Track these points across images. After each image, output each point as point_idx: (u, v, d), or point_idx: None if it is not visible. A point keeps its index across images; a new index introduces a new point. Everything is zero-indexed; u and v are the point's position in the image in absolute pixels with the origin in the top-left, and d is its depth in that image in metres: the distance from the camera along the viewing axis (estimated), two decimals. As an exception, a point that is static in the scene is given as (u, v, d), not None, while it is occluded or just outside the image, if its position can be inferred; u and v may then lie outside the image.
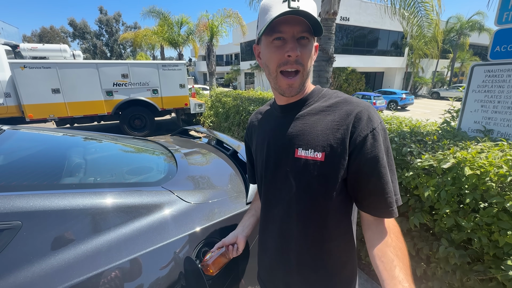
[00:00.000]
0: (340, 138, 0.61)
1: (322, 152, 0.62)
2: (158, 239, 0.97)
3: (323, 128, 0.64)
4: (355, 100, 0.66)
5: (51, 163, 1.32)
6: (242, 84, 29.28)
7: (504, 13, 1.73)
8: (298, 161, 0.66)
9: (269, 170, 0.74)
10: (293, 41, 0.61)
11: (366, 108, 0.63)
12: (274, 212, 0.76)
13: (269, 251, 0.82)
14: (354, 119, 0.61)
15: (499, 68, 1.74)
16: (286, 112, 0.72)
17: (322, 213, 0.67)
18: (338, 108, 0.65)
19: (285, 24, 0.60)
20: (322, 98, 0.70)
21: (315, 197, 0.66)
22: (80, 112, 6.34)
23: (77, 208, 0.91)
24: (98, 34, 41.80)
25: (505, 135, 1.77)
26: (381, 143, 0.61)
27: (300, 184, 0.66)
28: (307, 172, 0.64)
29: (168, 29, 12.17)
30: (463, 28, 20.15)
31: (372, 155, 0.60)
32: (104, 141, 1.88)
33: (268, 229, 0.81)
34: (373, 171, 0.60)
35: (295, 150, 0.67)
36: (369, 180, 0.60)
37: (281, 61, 0.62)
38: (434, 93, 21.21)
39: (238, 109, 4.03)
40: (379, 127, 0.62)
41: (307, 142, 0.65)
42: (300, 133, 0.67)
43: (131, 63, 6.61)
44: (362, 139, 0.60)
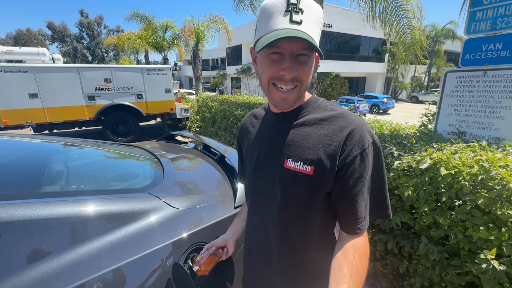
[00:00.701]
0: (330, 154, 0.61)
1: (311, 166, 0.62)
2: (146, 246, 0.95)
3: (314, 142, 0.63)
4: (350, 116, 0.65)
5: (30, 171, 1.27)
6: (229, 88, 29.29)
7: (472, 23, 1.86)
8: (287, 171, 0.65)
9: (257, 176, 0.74)
10: (291, 59, 0.58)
11: (360, 126, 0.62)
12: (259, 218, 0.77)
13: (253, 256, 0.83)
14: (347, 137, 0.61)
15: (469, 74, 1.87)
16: (280, 120, 0.71)
17: (306, 223, 0.67)
18: (332, 123, 0.64)
19: (285, 40, 0.56)
20: (318, 109, 0.68)
21: (300, 207, 0.66)
22: (60, 117, 6.09)
23: (59, 217, 0.88)
24: (78, 37, 40.55)
25: (476, 137, 1.89)
26: (368, 164, 0.61)
27: (285, 194, 0.66)
28: (294, 183, 0.64)
29: (153, 33, 12.02)
30: (438, 35, 21.30)
31: (357, 175, 0.60)
32: (86, 147, 1.83)
33: (252, 234, 0.82)
34: (353, 191, 0.61)
35: (284, 160, 0.66)
36: (348, 198, 0.62)
37: (275, 75, 0.60)
38: (413, 97, 22.16)
39: (225, 113, 4.04)
40: (370, 148, 0.61)
41: (297, 154, 0.64)
42: (292, 143, 0.66)
43: (114, 67, 6.46)
44: (352, 159, 0.60)
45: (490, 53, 1.79)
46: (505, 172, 1.21)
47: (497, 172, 1.22)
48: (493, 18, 1.75)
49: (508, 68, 1.70)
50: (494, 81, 1.75)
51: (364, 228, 0.63)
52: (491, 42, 1.79)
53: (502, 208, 1.16)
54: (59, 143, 1.78)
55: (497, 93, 1.74)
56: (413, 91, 24.77)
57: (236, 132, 3.67)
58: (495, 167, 1.25)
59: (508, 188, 1.15)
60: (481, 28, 1.82)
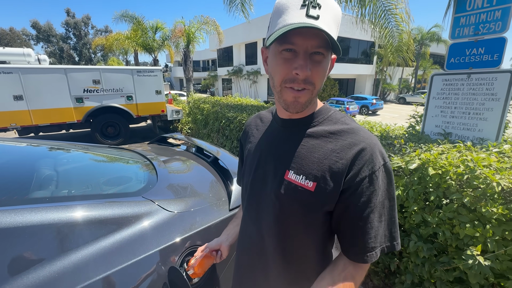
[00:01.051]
0: (336, 172, 0.56)
1: (313, 181, 0.57)
2: (141, 251, 0.95)
3: (320, 156, 0.58)
4: (362, 132, 0.59)
5: (18, 176, 1.24)
6: (220, 90, 29.21)
7: (456, 29, 1.94)
8: (286, 183, 0.61)
9: (256, 183, 0.70)
10: (305, 57, 0.52)
11: (371, 145, 0.57)
12: (253, 228, 0.73)
13: (243, 267, 0.80)
14: (355, 155, 0.55)
15: (454, 77, 1.95)
16: (287, 127, 0.67)
17: (302, 238, 0.64)
18: (341, 138, 0.59)
19: (299, 36, 0.51)
20: (328, 121, 0.63)
21: (297, 222, 0.62)
22: (46, 120, 5.92)
23: (50, 223, 0.86)
24: (65, 37, 39.55)
25: (461, 137, 1.96)
26: (377, 188, 0.55)
27: (283, 207, 0.63)
28: (293, 197, 0.60)
29: (142, 34, 11.87)
30: (424, 38, 21.94)
31: (365, 199, 0.55)
32: (76, 150, 1.79)
33: (244, 244, 0.79)
34: (359, 216, 0.56)
35: (286, 171, 0.62)
36: (354, 224, 0.57)
37: (288, 76, 0.55)
38: (400, 98, 22.71)
39: (217, 115, 4.03)
40: (380, 170, 0.56)
41: (300, 167, 0.60)
42: (296, 154, 0.62)
43: (103, 69, 6.33)
44: (359, 180, 0.55)
45: (473, 57, 1.87)
46: (488, 172, 1.27)
47: (481, 171, 1.27)
48: (475, 24, 1.83)
49: (490, 72, 1.78)
50: (478, 84, 1.82)
51: (370, 259, 0.56)
52: (474, 47, 1.87)
53: (487, 206, 1.21)
54: (47, 147, 1.74)
55: (480, 96, 1.82)
56: (400, 93, 25.38)
57: (229, 134, 3.67)
58: (479, 166, 1.31)
59: (492, 187, 1.21)
60: (465, 33, 1.90)
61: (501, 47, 1.73)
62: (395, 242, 0.59)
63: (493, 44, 1.76)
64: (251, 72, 22.24)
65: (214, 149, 2.03)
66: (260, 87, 22.76)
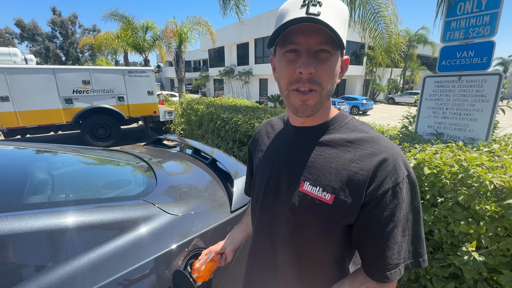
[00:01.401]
0: (356, 184, 0.52)
1: (331, 194, 0.54)
2: (143, 255, 0.94)
3: (338, 167, 0.55)
4: (383, 141, 0.56)
5: (15, 181, 1.21)
6: (211, 90, 29.06)
7: (447, 32, 2.01)
8: (302, 195, 0.58)
9: (268, 195, 0.66)
10: (308, 55, 0.50)
11: (394, 155, 0.53)
12: (265, 241, 0.69)
13: (254, 282, 0.76)
14: (377, 166, 0.52)
15: (445, 79, 2.01)
16: (300, 135, 0.63)
17: (319, 254, 0.60)
18: (361, 147, 0.55)
19: (300, 34, 0.49)
20: (345, 128, 0.60)
21: (313, 237, 0.59)
22: (34, 122, 5.74)
23: (52, 229, 0.85)
24: (51, 36, 38.46)
25: (453, 137, 2.03)
26: (401, 200, 0.52)
27: (299, 220, 0.59)
28: (309, 211, 0.57)
29: (133, 33, 11.68)
30: (411, 40, 22.48)
31: (388, 213, 0.51)
32: (70, 153, 1.75)
33: (255, 258, 0.75)
34: (382, 231, 0.52)
35: (301, 182, 0.58)
36: (376, 239, 0.53)
37: (292, 78, 0.52)
38: (390, 98, 23.19)
39: (212, 116, 4.01)
40: (404, 181, 0.52)
41: (317, 178, 0.56)
42: (311, 164, 0.58)
43: (93, 69, 6.20)
44: (382, 193, 0.51)
45: (464, 60, 1.94)
46: (481, 170, 1.32)
47: (474, 170, 1.32)
48: (465, 28, 1.90)
49: (479, 74, 1.85)
50: (468, 86, 1.89)
51: (394, 277, 0.52)
52: (464, 50, 1.94)
53: (480, 203, 1.26)
54: (43, 150, 1.69)
55: (471, 97, 1.89)
56: (389, 93, 25.92)
57: (224, 135, 3.66)
58: (472, 166, 1.36)
59: (485, 185, 1.26)
60: (455, 36, 1.97)
61: (490, 51, 1.80)
62: (421, 259, 0.54)
63: (483, 48, 1.84)
64: (243, 73, 22.23)
65: (209, 149, 2.03)
66: (252, 87, 22.78)
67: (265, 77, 21.07)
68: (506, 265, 1.23)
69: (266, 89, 21.24)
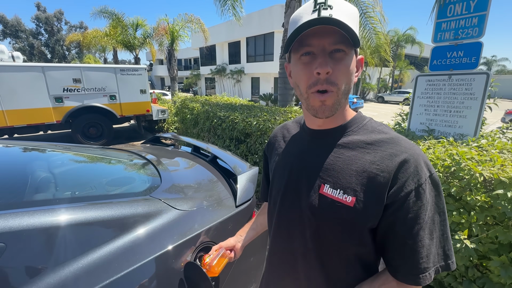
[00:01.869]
0: (377, 186, 0.52)
1: (352, 196, 0.53)
2: (154, 249, 0.96)
3: (358, 169, 0.54)
4: (404, 142, 0.55)
5: (13, 179, 1.20)
6: (203, 89, 28.84)
7: (438, 33, 2.10)
8: (323, 198, 0.57)
9: (287, 199, 0.66)
10: (323, 56, 0.51)
11: (415, 156, 0.52)
12: (285, 247, 0.68)
13: (274, 286, 0.74)
14: (398, 167, 0.51)
15: (436, 78, 2.11)
16: (318, 138, 0.63)
17: (342, 259, 0.59)
18: (381, 148, 0.55)
19: (313, 37, 0.50)
20: (364, 130, 0.59)
21: (335, 240, 0.58)
22: (22, 121, 5.58)
23: (71, 223, 0.87)
24: (35, 33, 37.18)
25: (444, 134, 2.13)
26: (425, 202, 0.51)
27: (320, 224, 0.59)
28: (330, 214, 0.56)
29: (123, 31, 11.47)
30: (400, 40, 22.99)
31: (412, 215, 0.50)
32: (72, 152, 1.74)
33: (273, 263, 0.74)
34: (407, 234, 0.51)
35: (321, 185, 0.58)
36: (402, 243, 0.52)
37: (311, 80, 0.53)
38: (379, 97, 23.67)
39: (209, 115, 4.02)
40: (427, 182, 0.51)
41: (337, 181, 0.56)
42: (331, 167, 0.58)
43: (84, 67, 6.07)
44: (405, 195, 0.50)
45: (454, 59, 2.04)
46: (472, 164, 1.40)
47: (465, 164, 1.41)
48: (455, 29, 2.00)
49: (468, 73, 1.95)
50: (458, 85, 1.99)
51: (424, 281, 0.51)
52: (454, 50, 2.03)
53: (471, 194, 1.34)
54: (46, 149, 1.68)
55: (460, 95, 1.99)
56: (379, 92, 26.45)
57: (221, 133, 3.68)
58: (464, 159, 1.44)
59: (475, 177, 1.34)
60: (446, 37, 2.06)
61: (478, 51, 1.90)
62: (450, 261, 0.53)
63: (471, 48, 1.94)
64: (235, 71, 22.17)
65: (204, 145, 2.06)
66: (244, 86, 22.76)
67: (257, 75, 21.09)
68: (495, 251, 1.32)
69: (258, 88, 21.26)
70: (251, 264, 1.39)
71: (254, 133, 3.04)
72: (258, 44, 19.75)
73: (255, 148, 3.04)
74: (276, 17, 16.41)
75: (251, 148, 3.12)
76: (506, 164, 1.37)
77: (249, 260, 1.35)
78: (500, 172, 1.30)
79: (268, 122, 2.94)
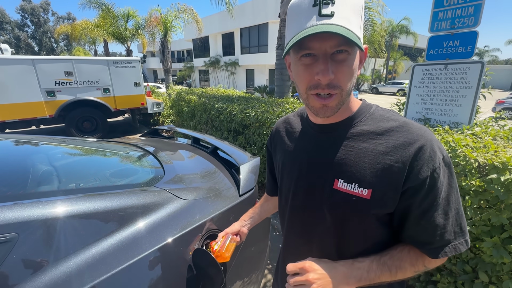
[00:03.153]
0: (393, 176, 0.52)
1: (368, 189, 0.53)
2: (164, 236, 0.98)
3: (372, 161, 0.54)
4: (415, 128, 0.54)
5: (18, 172, 1.20)
6: (197, 81, 28.48)
7: (435, 22, 2.12)
8: (337, 193, 0.57)
9: (299, 196, 0.66)
10: (325, 60, 0.49)
11: (429, 141, 0.52)
12: (300, 242, 0.69)
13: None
14: (414, 155, 0.51)
15: (433, 67, 2.14)
16: (325, 133, 0.62)
17: (362, 248, 0.60)
18: (392, 137, 0.54)
19: (315, 39, 0.48)
20: (371, 119, 0.58)
21: (354, 232, 0.59)
22: (13, 116, 5.46)
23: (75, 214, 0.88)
24: (21, 24, 35.88)
25: (439, 122, 2.18)
26: (440, 185, 0.52)
27: (336, 219, 0.59)
28: (347, 207, 0.56)
29: (113, 22, 11.16)
30: (394, 31, 22.97)
31: (428, 200, 0.52)
32: (73, 146, 1.73)
33: (289, 258, 0.71)
34: (423, 216, 0.53)
35: (334, 181, 0.57)
36: (418, 224, 0.54)
37: (312, 83, 0.52)
38: (373, 88, 23.79)
39: (206, 107, 4.00)
40: (441, 166, 0.52)
41: (351, 175, 0.55)
42: (343, 162, 0.57)
43: (76, 60, 5.92)
44: (420, 182, 0.51)
45: (450, 49, 2.07)
46: (467, 150, 1.45)
47: (461, 150, 1.46)
48: (452, 18, 2.02)
49: (464, 62, 1.98)
50: (453, 74, 2.03)
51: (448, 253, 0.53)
52: (450, 40, 2.06)
53: (466, 180, 1.39)
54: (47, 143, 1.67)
55: (456, 84, 2.03)
56: (373, 83, 26.55)
57: (219, 125, 3.68)
58: (459, 146, 1.49)
59: (470, 163, 1.39)
60: (442, 26, 2.08)
61: (473, 40, 1.93)
62: (464, 239, 0.54)
63: (467, 37, 1.96)
64: (229, 63, 21.91)
65: (201, 136, 2.08)
66: (238, 78, 22.56)
67: (251, 67, 20.89)
68: (487, 233, 1.38)
69: (253, 80, 21.10)
70: (253, 253, 1.43)
71: (252, 125, 3.05)
72: (252, 35, 19.49)
73: (253, 140, 3.06)
74: (270, 7, 16.16)
75: (249, 139, 3.14)
76: (499, 150, 1.42)
77: (251, 249, 1.39)
78: (494, 158, 1.35)
79: (267, 113, 2.95)
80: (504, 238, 1.32)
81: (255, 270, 1.47)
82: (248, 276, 1.38)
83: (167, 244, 0.98)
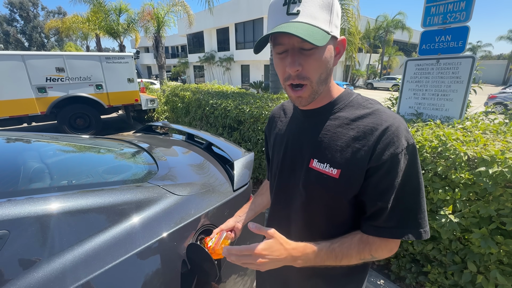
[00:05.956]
0: (359, 159, 0.57)
1: (338, 169, 0.59)
2: (157, 232, 0.98)
3: (343, 144, 0.59)
4: (385, 113, 0.58)
5: (9, 169, 1.19)
6: (192, 77, 28.21)
7: (427, 17, 2.13)
8: (312, 171, 0.64)
9: (283, 173, 0.74)
10: (292, 53, 0.54)
11: (395, 126, 0.55)
12: (281, 214, 0.78)
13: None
14: (377, 139, 0.55)
15: (425, 62, 2.16)
16: (308, 117, 0.69)
17: (330, 224, 0.66)
18: (363, 123, 0.59)
19: (283, 35, 0.53)
20: (349, 107, 0.63)
21: (325, 208, 0.65)
22: (4, 113, 5.35)
23: (72, 209, 0.87)
24: (9, 19, 34.94)
25: (431, 116, 2.21)
26: (399, 170, 0.55)
27: (310, 195, 0.65)
28: (319, 185, 0.63)
29: (105, 16, 10.95)
30: (389, 26, 23.00)
31: (383, 181, 0.56)
32: (62, 142, 1.71)
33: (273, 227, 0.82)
34: (378, 197, 0.57)
35: (310, 160, 0.64)
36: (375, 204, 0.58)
37: (285, 75, 0.58)
38: (368, 84, 23.90)
39: (200, 103, 3.98)
40: (403, 153, 0.55)
41: (324, 155, 0.61)
42: (318, 143, 0.63)
43: (67, 55, 5.80)
44: (381, 163, 0.55)
45: (442, 44, 2.08)
46: (457, 144, 1.48)
47: (451, 144, 1.48)
48: (444, 13, 2.03)
49: (455, 57, 2.00)
50: (445, 69, 2.05)
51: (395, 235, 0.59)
52: (442, 34, 2.08)
53: (456, 173, 1.42)
54: (38, 139, 1.64)
55: (447, 79, 2.05)
56: (368, 78, 26.65)
57: (213, 121, 3.67)
58: (450, 140, 1.51)
59: (460, 156, 1.42)
60: (434, 21, 2.10)
61: (465, 35, 1.95)
62: (422, 230, 0.57)
63: (459, 32, 1.98)
64: (224, 59, 21.73)
65: (196, 133, 2.07)
66: (233, 74, 22.41)
67: (246, 63, 20.76)
68: (476, 224, 1.42)
69: (248, 76, 21.00)
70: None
71: (247, 120, 3.04)
72: (247, 30, 19.32)
73: (248, 135, 3.06)
74: (265, 2, 16.02)
75: (244, 135, 3.14)
76: (489, 143, 1.45)
77: (246, 243, 1.40)
78: (482, 151, 1.38)
79: (262, 109, 2.95)
80: (492, 229, 1.35)
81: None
82: (243, 269, 1.40)
83: (161, 240, 0.98)
